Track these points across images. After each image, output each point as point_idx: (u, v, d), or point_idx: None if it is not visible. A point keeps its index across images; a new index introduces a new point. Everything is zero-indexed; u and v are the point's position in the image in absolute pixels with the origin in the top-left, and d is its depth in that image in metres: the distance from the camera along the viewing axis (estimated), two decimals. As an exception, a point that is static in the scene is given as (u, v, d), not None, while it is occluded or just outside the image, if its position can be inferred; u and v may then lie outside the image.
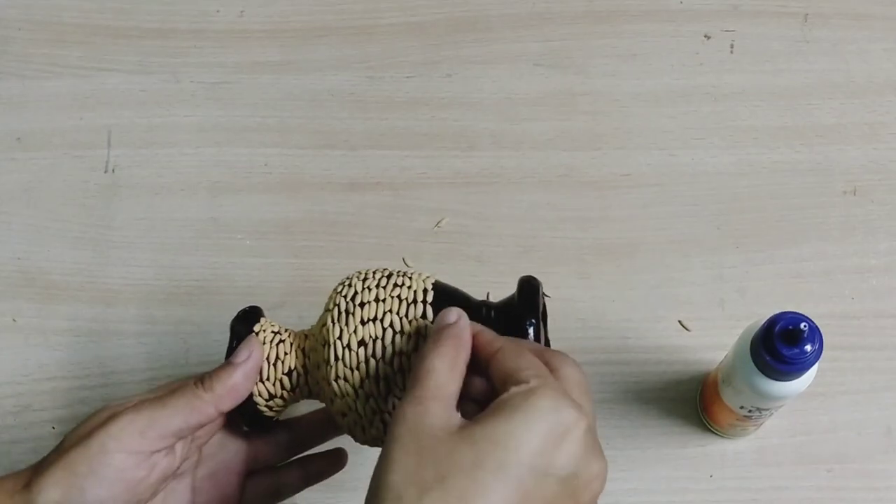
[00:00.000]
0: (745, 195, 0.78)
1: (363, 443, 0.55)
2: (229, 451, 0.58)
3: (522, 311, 0.52)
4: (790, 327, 0.56)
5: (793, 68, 0.82)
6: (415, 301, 0.53)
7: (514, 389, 0.45)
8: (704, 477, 0.71)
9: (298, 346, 0.56)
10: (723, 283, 0.75)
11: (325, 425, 0.60)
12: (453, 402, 0.47)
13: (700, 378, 0.72)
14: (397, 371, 0.52)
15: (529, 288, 0.53)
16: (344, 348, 0.52)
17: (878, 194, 0.78)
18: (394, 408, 0.52)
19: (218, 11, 0.84)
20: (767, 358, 0.57)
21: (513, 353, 0.48)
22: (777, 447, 0.71)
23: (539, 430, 0.44)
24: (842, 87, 0.81)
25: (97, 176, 0.79)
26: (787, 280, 0.75)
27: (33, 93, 0.82)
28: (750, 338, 0.59)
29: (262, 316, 0.57)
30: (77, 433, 0.51)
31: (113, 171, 0.80)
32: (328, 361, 0.53)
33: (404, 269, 0.75)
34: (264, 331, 0.56)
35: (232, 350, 0.55)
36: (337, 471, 0.61)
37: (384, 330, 0.52)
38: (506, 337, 0.50)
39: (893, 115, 0.80)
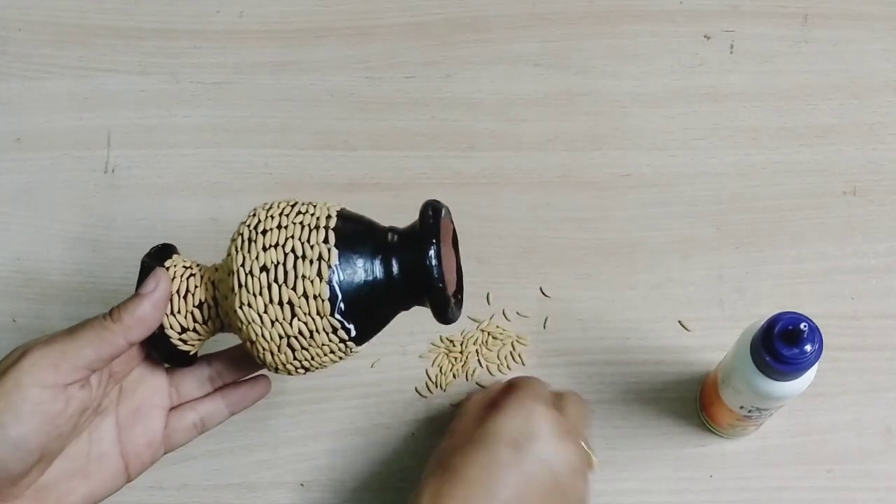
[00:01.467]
0: (744, 195, 0.78)
1: (275, 370, 0.56)
2: (151, 387, 0.59)
3: (423, 233, 0.53)
4: (790, 327, 0.56)
5: (792, 69, 0.82)
6: (317, 227, 0.53)
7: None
8: (704, 477, 0.71)
9: (209, 279, 0.56)
10: (722, 283, 0.75)
11: (246, 358, 0.60)
12: None
13: (700, 378, 0.72)
14: (300, 295, 0.52)
15: (431, 210, 0.54)
16: (247, 275, 0.53)
17: (878, 195, 0.78)
18: (300, 333, 0.53)
19: (217, 12, 0.84)
20: (767, 358, 0.57)
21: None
22: (777, 447, 0.71)
23: (508, 413, 0.59)
24: (841, 87, 0.81)
25: (97, 176, 0.79)
26: (787, 280, 0.75)
27: (33, 93, 0.82)
28: (750, 338, 0.59)
29: (176, 253, 0.58)
30: None
31: (112, 171, 0.80)
32: (233, 289, 0.53)
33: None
34: (175, 265, 0.57)
35: (141, 283, 0.55)
36: (260, 397, 0.62)
37: (286, 255, 0.53)
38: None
39: (893, 116, 0.80)
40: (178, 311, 0.56)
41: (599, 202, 0.78)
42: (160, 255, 0.57)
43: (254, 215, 0.55)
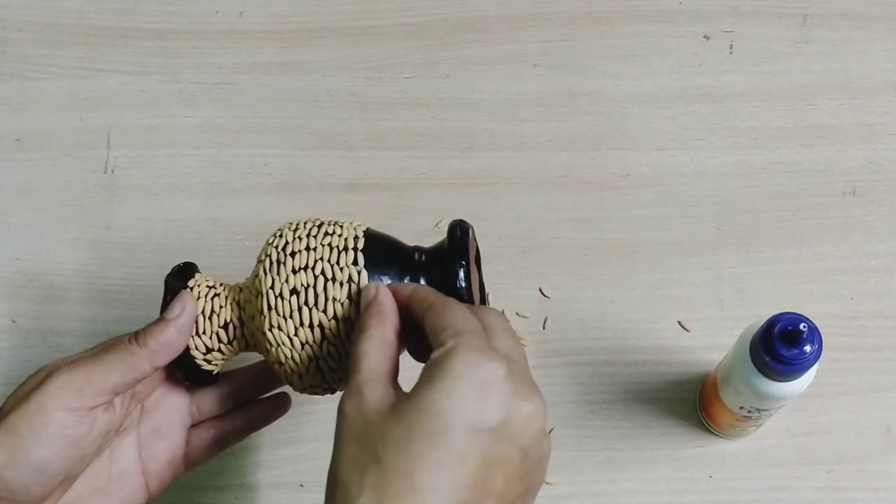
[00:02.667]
0: (744, 196, 0.78)
1: (301, 391, 0.55)
2: (172, 405, 0.58)
3: (452, 253, 0.53)
4: (789, 328, 0.56)
5: (792, 69, 0.82)
6: (346, 248, 0.53)
7: (434, 354, 0.46)
8: (704, 477, 0.71)
9: (233, 299, 0.56)
10: (722, 283, 0.75)
11: (267, 375, 0.60)
12: (386, 380, 0.48)
13: (699, 379, 0.72)
14: (331, 318, 0.52)
15: (459, 231, 0.54)
16: (276, 297, 0.53)
17: (878, 195, 0.78)
18: (329, 355, 0.53)
19: (217, 12, 0.84)
20: (767, 358, 0.57)
21: (438, 311, 0.49)
22: (776, 448, 0.71)
23: (459, 392, 0.45)
24: (841, 87, 0.81)
25: (97, 177, 0.79)
26: (787, 280, 0.75)
27: (33, 93, 0.82)
28: (749, 338, 0.59)
29: (197, 272, 0.58)
30: (14, 397, 0.52)
31: (112, 171, 0.80)
32: (261, 311, 0.53)
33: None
34: (199, 285, 0.56)
35: (166, 305, 0.55)
36: (281, 414, 0.62)
37: (315, 278, 0.53)
38: (437, 294, 0.51)
39: (892, 116, 0.80)
40: (203, 332, 0.55)
41: (599, 202, 0.78)
42: (182, 274, 0.57)
43: (280, 236, 0.55)
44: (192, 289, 0.56)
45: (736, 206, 0.78)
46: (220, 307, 0.56)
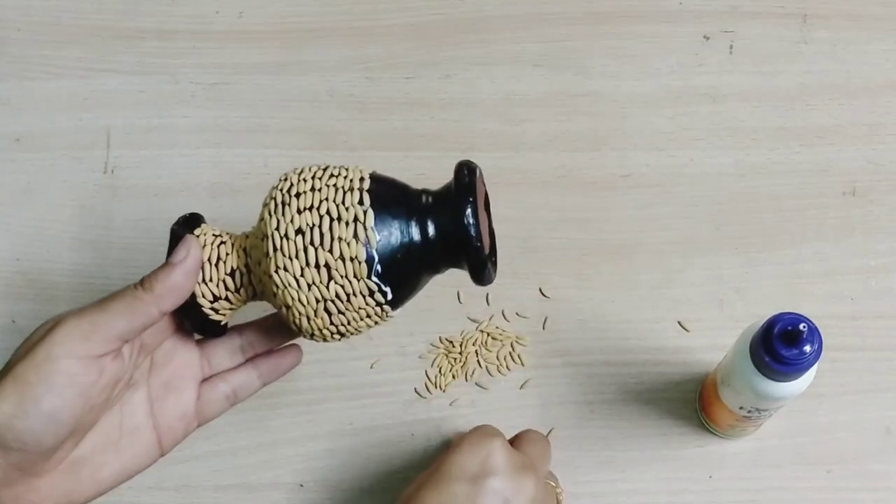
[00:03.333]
0: (744, 196, 0.78)
1: (311, 336, 0.55)
2: (182, 359, 0.58)
3: (459, 193, 0.53)
4: (789, 328, 0.56)
5: (792, 69, 0.82)
6: (351, 189, 0.53)
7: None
8: (704, 478, 0.71)
9: (240, 246, 0.56)
10: (722, 283, 0.75)
11: (278, 327, 0.60)
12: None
13: (699, 379, 0.72)
14: (337, 258, 0.52)
15: (466, 170, 0.54)
16: (282, 238, 0.52)
17: (878, 195, 0.78)
18: (336, 296, 0.52)
19: (217, 12, 0.84)
20: (767, 359, 0.57)
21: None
22: (776, 448, 0.71)
23: (464, 455, 0.56)
24: (841, 87, 0.81)
25: (96, 177, 0.79)
26: (787, 281, 0.75)
27: (32, 94, 0.82)
28: (749, 338, 0.59)
29: (204, 222, 0.57)
30: (22, 348, 0.52)
31: (112, 172, 0.80)
32: (267, 253, 0.53)
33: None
34: (205, 234, 0.56)
35: (171, 252, 0.55)
36: (292, 366, 0.62)
37: (321, 217, 0.52)
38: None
39: (892, 116, 0.80)
40: (210, 280, 0.55)
41: (599, 202, 0.78)
42: (188, 223, 0.57)
43: (286, 179, 0.55)
44: (198, 236, 0.56)
45: (736, 206, 0.78)
46: (227, 254, 0.55)
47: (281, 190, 0.54)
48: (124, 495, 0.70)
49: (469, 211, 0.52)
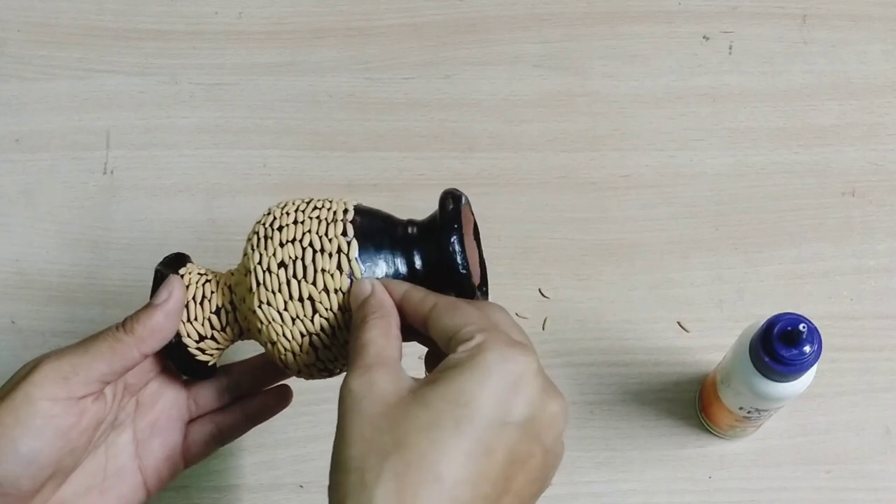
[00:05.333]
0: (743, 196, 0.78)
1: (297, 373, 0.54)
2: (169, 399, 0.57)
3: (444, 224, 0.51)
4: (789, 328, 0.56)
5: (791, 69, 0.82)
6: (334, 220, 0.52)
7: (461, 348, 0.45)
8: (703, 478, 0.71)
9: (225, 284, 0.55)
10: (722, 284, 0.75)
11: (266, 368, 0.59)
12: (397, 365, 0.47)
13: (699, 379, 0.72)
14: (321, 290, 0.51)
15: (451, 200, 0.52)
16: (265, 272, 0.52)
17: (877, 195, 0.78)
18: (321, 329, 0.52)
19: (216, 13, 0.84)
20: (766, 359, 0.57)
21: (449, 310, 0.48)
22: (776, 448, 0.71)
23: (492, 384, 0.44)
24: (840, 88, 0.81)
25: (96, 177, 0.79)
26: (786, 281, 0.75)
27: (32, 94, 0.82)
28: (749, 339, 0.59)
29: (189, 261, 0.57)
30: (1, 391, 0.51)
31: (112, 172, 0.80)
32: (251, 289, 0.52)
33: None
34: (189, 273, 0.55)
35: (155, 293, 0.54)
36: (281, 408, 0.60)
37: (304, 249, 0.51)
38: (437, 294, 0.50)
39: (892, 116, 0.80)
40: (195, 319, 0.54)
41: (599, 203, 0.78)
42: (173, 263, 0.56)
43: (269, 213, 0.54)
44: (182, 276, 0.55)
45: (735, 206, 0.78)
46: (212, 292, 0.55)
47: (264, 224, 0.53)
48: (124, 496, 0.71)
49: (455, 239, 0.51)
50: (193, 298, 0.55)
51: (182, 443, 0.58)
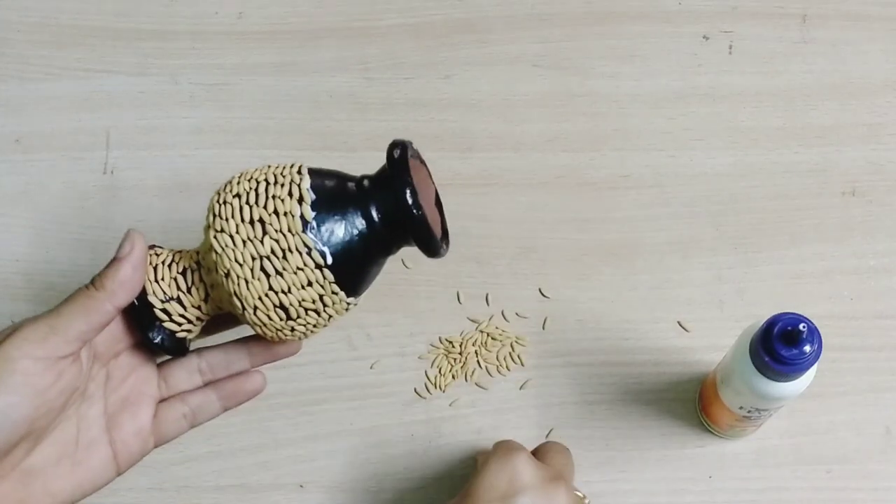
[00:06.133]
0: (743, 196, 0.78)
1: (252, 313, 0.54)
2: (140, 376, 0.58)
3: (394, 173, 0.54)
4: (789, 328, 0.56)
5: (791, 69, 0.82)
6: (291, 165, 0.56)
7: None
8: (704, 478, 0.71)
9: (194, 251, 0.57)
10: (722, 283, 0.75)
11: (239, 352, 0.60)
12: None
13: (699, 379, 0.72)
14: (271, 213, 0.53)
15: (398, 151, 0.55)
16: (220, 205, 0.54)
17: (877, 195, 0.78)
18: (272, 251, 0.53)
19: (216, 13, 0.84)
20: (766, 359, 0.57)
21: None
22: (776, 448, 0.71)
23: (492, 475, 0.58)
24: (840, 88, 0.81)
25: (96, 178, 0.79)
26: (786, 281, 0.75)
27: (32, 95, 0.82)
28: (749, 338, 0.59)
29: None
30: None
31: (112, 172, 0.80)
32: (208, 224, 0.54)
33: (403, 269, 0.76)
34: (160, 246, 0.58)
35: None
36: (254, 394, 0.61)
37: (258, 183, 0.54)
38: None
39: (892, 116, 0.80)
40: (162, 279, 0.56)
41: (598, 203, 0.78)
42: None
43: (228, 181, 0.57)
44: (151, 247, 0.58)
45: (735, 206, 0.78)
46: (180, 257, 0.57)
47: (226, 182, 0.56)
48: (125, 497, 0.70)
49: (409, 193, 0.53)
50: (163, 262, 0.57)
51: (152, 419, 0.58)
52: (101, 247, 0.77)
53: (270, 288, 0.53)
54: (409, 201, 0.53)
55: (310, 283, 0.54)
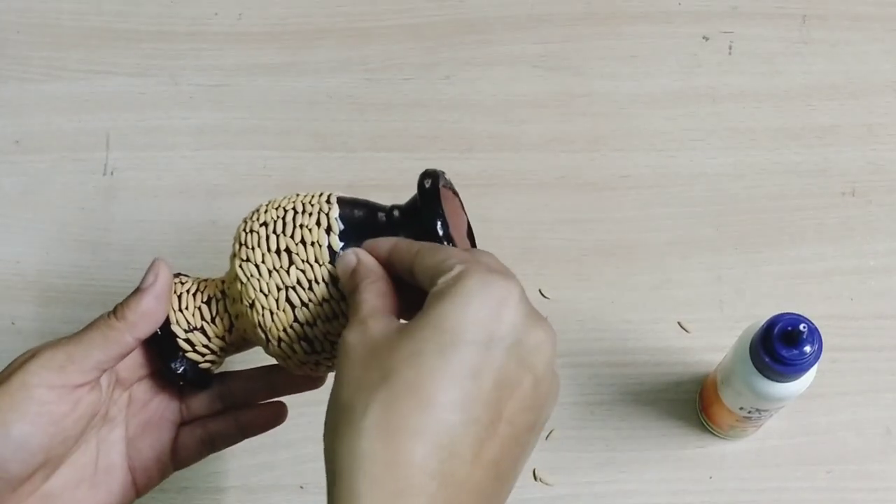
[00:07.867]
0: (743, 196, 0.78)
1: (277, 345, 0.53)
2: (162, 400, 0.58)
3: (425, 206, 0.52)
4: (789, 328, 0.56)
5: (791, 69, 0.82)
6: (320, 194, 0.54)
7: (441, 280, 0.45)
8: (704, 478, 0.71)
9: (218, 280, 0.56)
10: (722, 284, 0.75)
11: (262, 380, 0.59)
12: (391, 315, 0.47)
13: (699, 379, 0.72)
14: (298, 242, 0.52)
15: (430, 181, 0.53)
16: (246, 233, 0.53)
17: (877, 195, 0.78)
18: (298, 282, 0.52)
19: (216, 14, 0.84)
20: (767, 359, 0.57)
21: (430, 250, 0.48)
22: (776, 448, 0.71)
23: (473, 308, 0.43)
24: (840, 88, 0.81)
25: (96, 178, 0.79)
26: (786, 281, 0.75)
27: (32, 96, 0.82)
28: (749, 339, 0.59)
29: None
30: None
31: (111, 173, 0.80)
32: (234, 253, 0.53)
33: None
34: (185, 275, 0.57)
35: None
36: (275, 424, 0.60)
37: (286, 212, 0.53)
38: (422, 242, 0.50)
39: (892, 116, 0.80)
40: (186, 308, 0.55)
41: (598, 203, 0.78)
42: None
43: (255, 210, 0.55)
44: (177, 275, 0.56)
45: (735, 206, 0.78)
46: (205, 286, 0.56)
47: (251, 212, 0.55)
48: (124, 497, 0.71)
49: (439, 224, 0.51)
50: (188, 291, 0.55)
51: (171, 444, 0.58)
52: (101, 248, 0.77)
53: (295, 319, 0.52)
54: (440, 233, 0.51)
55: (335, 316, 0.52)
